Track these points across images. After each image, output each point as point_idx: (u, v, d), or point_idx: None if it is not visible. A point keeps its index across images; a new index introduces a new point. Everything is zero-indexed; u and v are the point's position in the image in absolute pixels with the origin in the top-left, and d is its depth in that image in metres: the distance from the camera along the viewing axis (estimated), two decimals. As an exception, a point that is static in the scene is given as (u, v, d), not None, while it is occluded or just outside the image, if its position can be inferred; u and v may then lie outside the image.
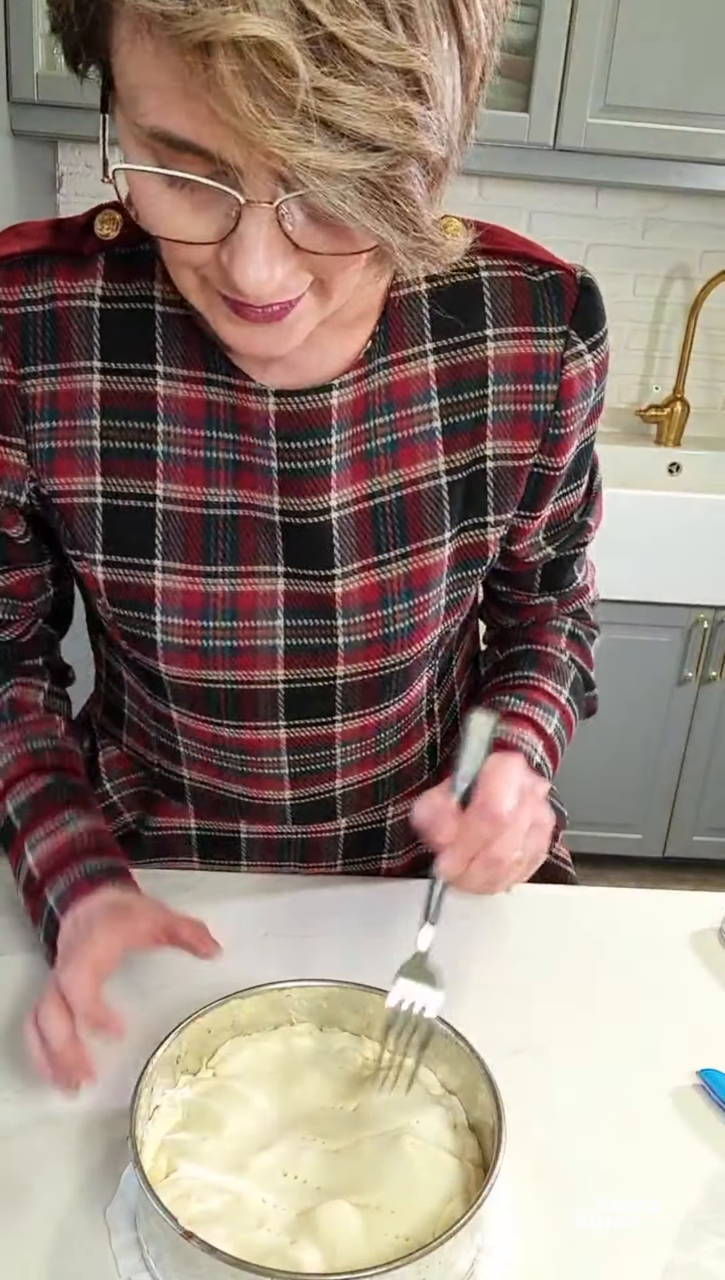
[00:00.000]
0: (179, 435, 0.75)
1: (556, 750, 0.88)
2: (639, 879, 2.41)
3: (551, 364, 0.77)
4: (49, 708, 0.90)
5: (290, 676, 0.80)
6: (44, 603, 0.87)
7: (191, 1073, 0.68)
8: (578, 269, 0.77)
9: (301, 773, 0.86)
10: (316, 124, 0.48)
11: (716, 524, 2.11)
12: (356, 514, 0.77)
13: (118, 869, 0.78)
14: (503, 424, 0.78)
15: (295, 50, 0.46)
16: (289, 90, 0.47)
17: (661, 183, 2.14)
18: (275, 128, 0.48)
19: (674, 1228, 0.64)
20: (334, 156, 0.49)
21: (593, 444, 0.85)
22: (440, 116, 0.51)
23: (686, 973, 0.85)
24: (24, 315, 0.73)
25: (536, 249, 0.78)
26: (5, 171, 2.01)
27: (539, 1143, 0.68)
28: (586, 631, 0.99)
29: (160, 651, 0.79)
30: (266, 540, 0.77)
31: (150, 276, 0.73)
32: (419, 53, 0.49)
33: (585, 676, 0.97)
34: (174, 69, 0.49)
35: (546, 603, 0.95)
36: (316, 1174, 0.62)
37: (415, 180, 0.52)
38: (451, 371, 0.76)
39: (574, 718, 0.93)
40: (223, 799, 0.90)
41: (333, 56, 0.47)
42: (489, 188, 2.40)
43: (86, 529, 0.77)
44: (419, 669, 0.85)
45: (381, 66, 0.48)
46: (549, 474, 0.81)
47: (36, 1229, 0.61)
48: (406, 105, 0.49)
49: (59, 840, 0.79)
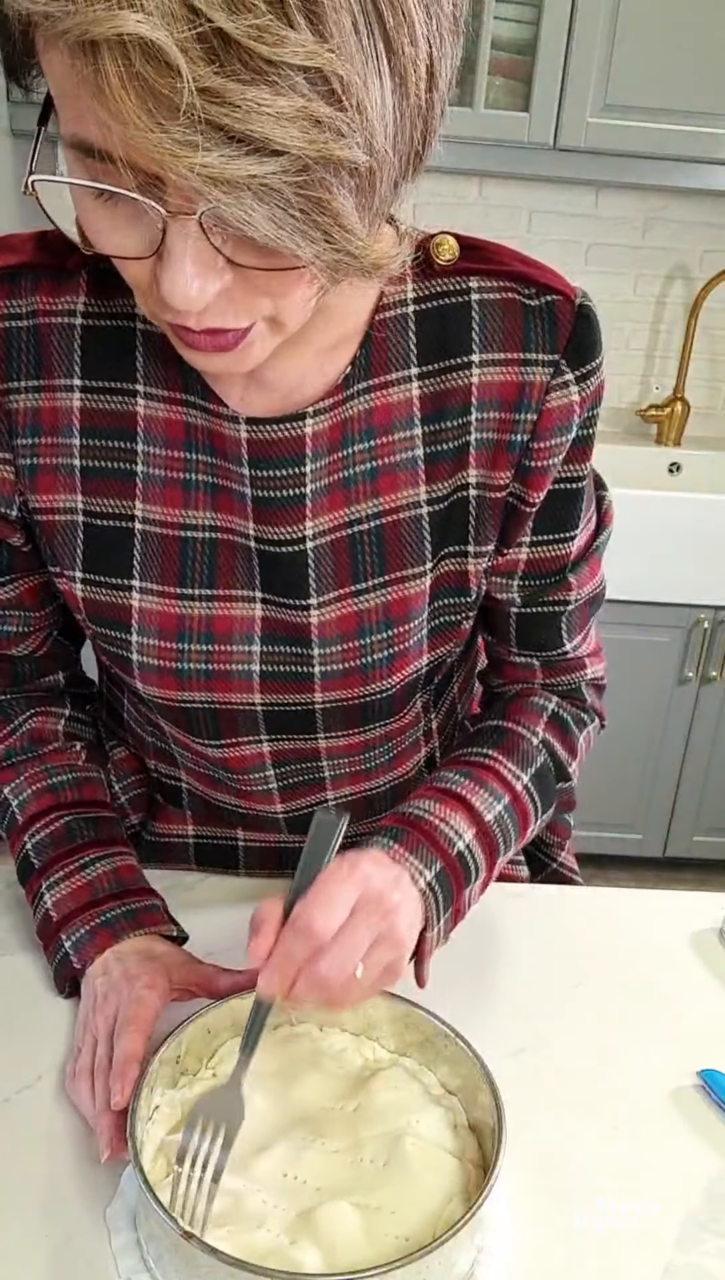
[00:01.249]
0: (158, 456, 0.74)
1: (494, 840, 0.77)
2: (639, 879, 2.41)
3: (535, 393, 0.73)
4: (69, 734, 0.89)
5: (267, 700, 0.79)
6: (55, 611, 0.86)
7: (191, 1073, 0.68)
8: (578, 294, 0.73)
9: (290, 785, 0.86)
10: (205, 127, 0.45)
11: (716, 524, 2.11)
12: (333, 542, 0.75)
13: (138, 911, 0.77)
14: (484, 452, 0.74)
15: (176, 48, 0.43)
16: (173, 91, 0.44)
17: (661, 183, 2.15)
18: (162, 131, 0.45)
19: (674, 1228, 0.64)
20: (225, 162, 0.46)
21: (582, 494, 0.79)
22: (358, 120, 0.48)
23: (686, 973, 0.85)
24: (7, 330, 0.72)
25: (538, 270, 0.73)
26: (5, 171, 2.01)
27: (539, 1143, 0.68)
28: (575, 716, 0.88)
29: (136, 671, 0.78)
30: (243, 565, 0.75)
31: (132, 294, 0.72)
32: (324, 49, 0.45)
33: (558, 766, 0.86)
34: (74, 74, 0.46)
35: (528, 665, 0.88)
36: (316, 1174, 0.62)
37: (334, 189, 0.49)
38: (436, 399, 0.73)
39: (534, 810, 0.82)
40: (219, 807, 0.90)
41: (226, 54, 0.44)
42: (489, 187, 2.40)
43: (66, 546, 0.76)
44: (407, 696, 0.82)
45: (281, 65, 0.45)
46: (521, 507, 0.77)
47: (36, 1229, 0.61)
48: (310, 106, 0.46)
49: (77, 883, 0.78)
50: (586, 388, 0.74)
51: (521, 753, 0.83)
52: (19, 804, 0.84)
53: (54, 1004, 0.77)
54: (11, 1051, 0.73)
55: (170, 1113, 0.65)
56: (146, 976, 0.71)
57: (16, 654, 0.87)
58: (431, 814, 0.75)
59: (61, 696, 0.92)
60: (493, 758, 0.82)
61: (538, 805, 0.83)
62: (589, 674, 0.90)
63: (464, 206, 2.38)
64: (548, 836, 1.03)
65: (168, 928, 0.78)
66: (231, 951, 0.81)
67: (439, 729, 0.92)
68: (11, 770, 0.86)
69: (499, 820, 0.78)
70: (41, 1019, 0.76)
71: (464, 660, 0.93)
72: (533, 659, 0.87)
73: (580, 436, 0.76)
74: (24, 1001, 0.77)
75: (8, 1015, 0.76)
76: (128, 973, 0.72)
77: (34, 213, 0.58)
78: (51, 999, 0.77)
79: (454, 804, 0.76)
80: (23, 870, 0.82)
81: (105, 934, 0.75)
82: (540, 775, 0.83)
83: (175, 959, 0.74)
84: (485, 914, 0.88)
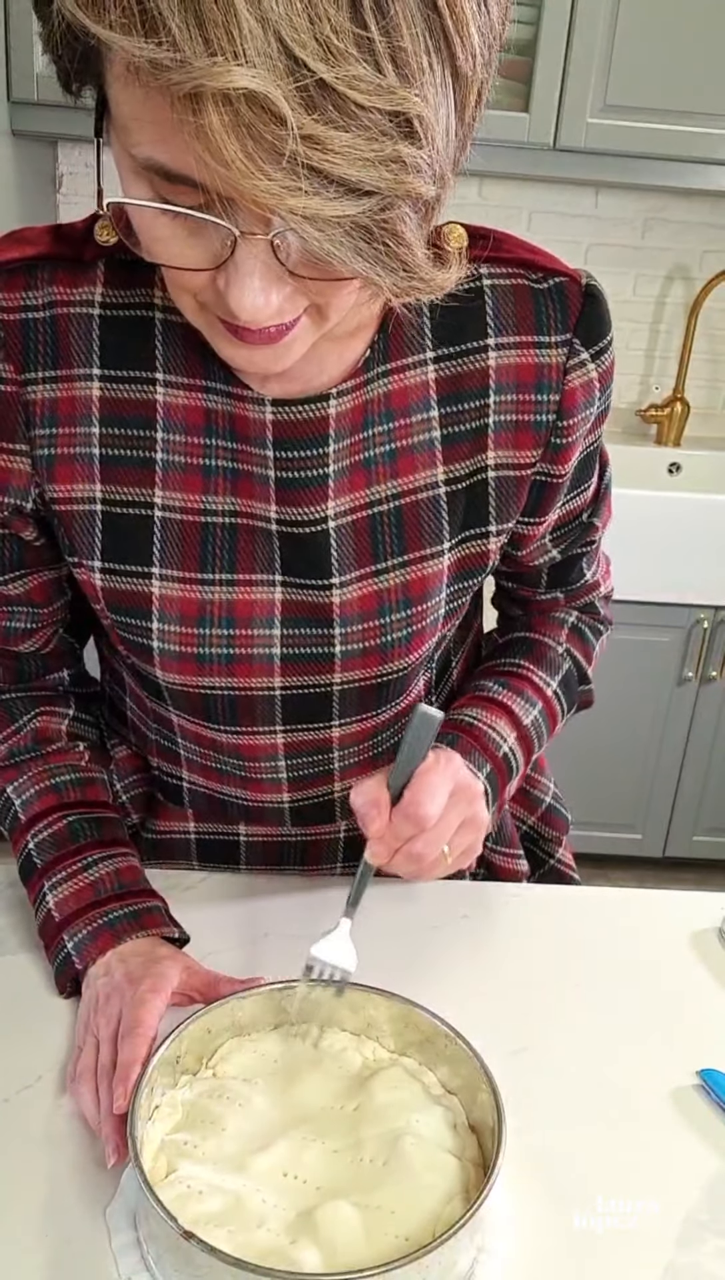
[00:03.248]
0: (178, 443, 0.75)
1: (531, 742, 0.88)
2: (639, 879, 2.41)
3: (554, 374, 0.76)
4: (73, 734, 0.90)
5: (287, 684, 0.80)
6: (62, 608, 0.86)
7: (191, 1073, 0.68)
8: (583, 275, 0.76)
9: (300, 776, 0.86)
10: (305, 171, 0.47)
11: (716, 524, 2.12)
12: (354, 523, 0.76)
13: (141, 913, 0.78)
14: (504, 434, 0.77)
15: (283, 99, 0.45)
16: (277, 139, 0.46)
17: (661, 183, 2.14)
18: (265, 177, 0.47)
19: (674, 1228, 0.64)
20: (323, 203, 0.48)
21: (599, 447, 0.85)
22: (432, 154, 0.51)
23: (686, 973, 0.85)
24: (25, 321, 0.73)
25: (541, 255, 0.77)
26: (5, 171, 2.01)
27: (539, 1143, 0.68)
28: (591, 626, 0.98)
29: (157, 659, 0.79)
30: (264, 549, 0.76)
31: (150, 283, 0.73)
32: (412, 94, 0.48)
33: (581, 670, 0.96)
34: (164, 110, 0.48)
35: (553, 598, 0.95)
36: (316, 1174, 0.62)
37: (407, 220, 0.52)
38: (452, 381, 0.76)
39: (560, 711, 0.93)
40: (222, 803, 0.90)
41: (323, 103, 0.46)
42: (489, 187, 2.40)
43: (85, 536, 0.77)
44: (416, 674, 0.85)
45: (372, 110, 0.47)
46: (552, 481, 0.81)
47: (36, 1229, 0.61)
48: (397, 148, 0.49)
49: (79, 884, 0.79)
50: (602, 364, 0.78)
51: (549, 661, 0.92)
52: (22, 803, 0.84)
53: (55, 1004, 0.77)
54: (11, 1051, 0.73)
55: (170, 1113, 0.65)
56: (149, 980, 0.71)
57: (23, 651, 0.87)
58: (480, 721, 0.84)
59: (66, 696, 0.92)
60: (525, 667, 0.91)
61: (564, 707, 0.93)
62: (603, 590, 0.99)
63: (464, 207, 2.38)
64: (546, 832, 1.04)
65: (169, 929, 0.78)
66: (232, 951, 0.81)
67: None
68: (15, 769, 0.86)
69: (534, 724, 0.88)
70: (42, 1019, 0.76)
71: (463, 640, 0.95)
72: (558, 593, 0.95)
73: (602, 409, 0.81)
74: (24, 1001, 0.77)
75: (8, 1015, 0.76)
76: (130, 974, 0.72)
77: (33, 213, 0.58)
78: (52, 999, 0.77)
79: (497, 711, 0.86)
80: (25, 870, 0.82)
81: (107, 935, 0.75)
82: (566, 680, 0.93)
83: (177, 962, 0.74)
84: (485, 914, 0.88)
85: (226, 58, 0.45)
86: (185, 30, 0.45)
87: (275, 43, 0.45)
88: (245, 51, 0.45)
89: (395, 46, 0.47)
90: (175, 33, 0.45)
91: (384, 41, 0.47)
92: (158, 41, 0.45)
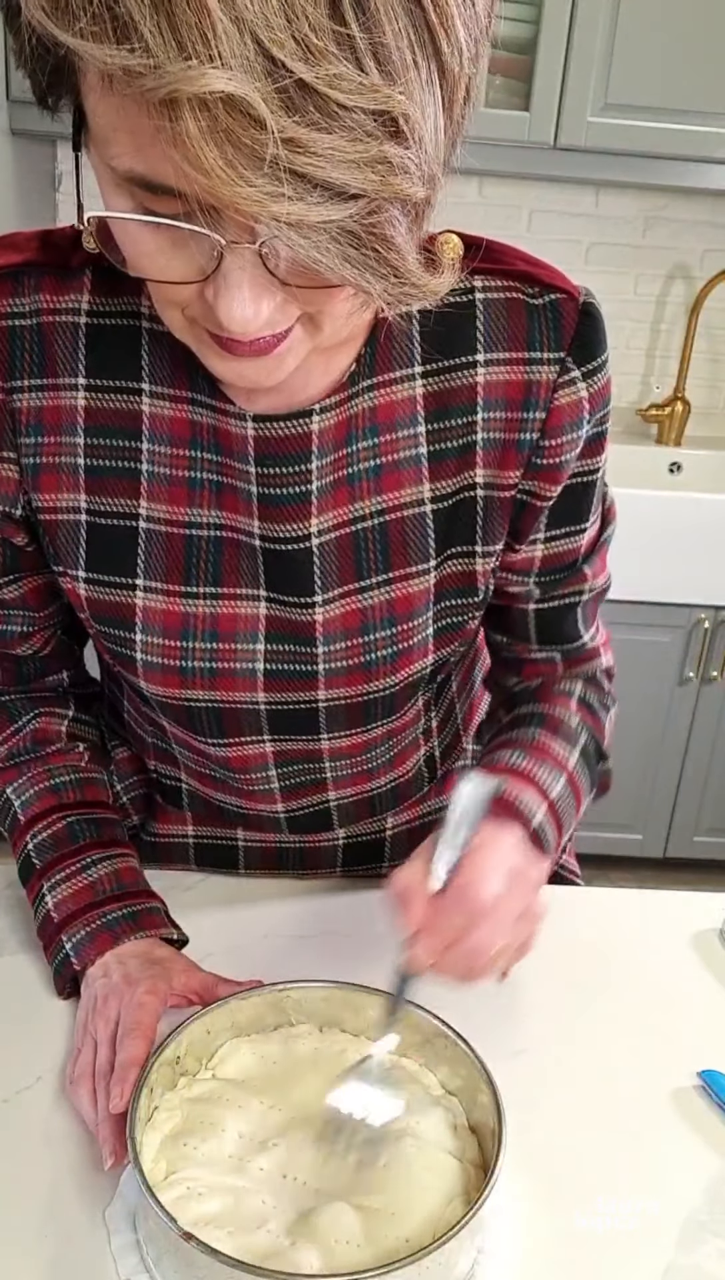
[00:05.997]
0: (163, 455, 0.74)
1: (560, 819, 0.79)
2: (640, 879, 2.41)
3: (542, 391, 0.73)
4: (72, 735, 0.89)
5: (271, 699, 0.79)
6: (59, 611, 0.86)
7: (191, 1074, 0.68)
8: (581, 293, 0.74)
9: (292, 785, 0.85)
10: (288, 176, 0.46)
11: (716, 524, 2.11)
12: (338, 539, 0.75)
13: (139, 914, 0.78)
14: (492, 452, 0.75)
15: (262, 102, 0.44)
16: (257, 143, 0.44)
17: (661, 182, 2.14)
18: (246, 184, 0.45)
19: (674, 1228, 0.64)
20: (308, 208, 0.47)
21: (596, 485, 0.81)
22: (419, 154, 0.49)
23: (686, 973, 0.85)
24: (11, 329, 0.72)
25: (541, 269, 0.74)
26: (5, 171, 2.01)
27: (539, 1143, 0.68)
28: (599, 700, 0.91)
29: (141, 670, 0.78)
30: (248, 563, 0.75)
31: (137, 292, 0.72)
32: (395, 92, 0.46)
33: (598, 745, 0.88)
34: (140, 120, 0.47)
35: (549, 659, 0.90)
36: (316, 1175, 0.62)
37: (396, 224, 0.50)
38: (439, 397, 0.73)
39: (583, 789, 0.84)
40: (220, 807, 0.90)
41: (303, 104, 0.44)
42: (489, 186, 2.40)
43: (70, 545, 0.76)
44: (409, 694, 0.82)
45: (355, 110, 0.45)
46: (532, 503, 0.77)
47: (36, 1229, 0.61)
48: (383, 149, 0.47)
49: (78, 884, 0.79)
50: (594, 384, 0.75)
51: (565, 733, 0.84)
52: (21, 804, 0.84)
53: (54, 1005, 0.77)
54: (11, 1051, 0.72)
55: (169, 1114, 0.65)
56: (147, 981, 0.71)
57: (21, 653, 0.87)
58: (507, 792, 0.75)
59: (65, 697, 0.92)
60: (543, 738, 0.83)
61: (586, 785, 0.85)
62: (603, 662, 0.93)
63: (464, 206, 2.38)
64: None
65: (168, 931, 0.78)
66: (231, 953, 0.81)
67: (438, 728, 0.92)
68: (14, 770, 0.86)
69: (562, 799, 0.80)
70: (41, 1019, 0.76)
71: (463, 659, 0.93)
72: (553, 653, 0.89)
73: (594, 434, 0.77)
74: (24, 1002, 0.77)
75: (8, 1015, 0.76)
76: (128, 976, 0.72)
77: (32, 213, 0.58)
78: (51, 1000, 0.77)
79: (524, 782, 0.77)
80: (24, 870, 0.82)
81: (106, 936, 0.75)
82: (584, 754, 0.85)
83: (176, 964, 0.74)
84: (485, 914, 0.88)
85: (201, 61, 0.43)
86: (157, 35, 0.43)
87: (251, 43, 0.43)
88: (221, 54, 0.43)
89: (377, 43, 0.45)
90: (147, 37, 0.43)
91: (365, 38, 0.44)
92: (130, 48, 0.43)
